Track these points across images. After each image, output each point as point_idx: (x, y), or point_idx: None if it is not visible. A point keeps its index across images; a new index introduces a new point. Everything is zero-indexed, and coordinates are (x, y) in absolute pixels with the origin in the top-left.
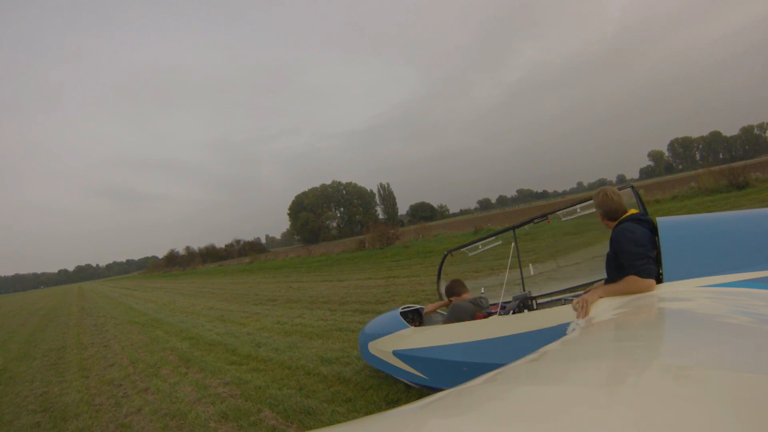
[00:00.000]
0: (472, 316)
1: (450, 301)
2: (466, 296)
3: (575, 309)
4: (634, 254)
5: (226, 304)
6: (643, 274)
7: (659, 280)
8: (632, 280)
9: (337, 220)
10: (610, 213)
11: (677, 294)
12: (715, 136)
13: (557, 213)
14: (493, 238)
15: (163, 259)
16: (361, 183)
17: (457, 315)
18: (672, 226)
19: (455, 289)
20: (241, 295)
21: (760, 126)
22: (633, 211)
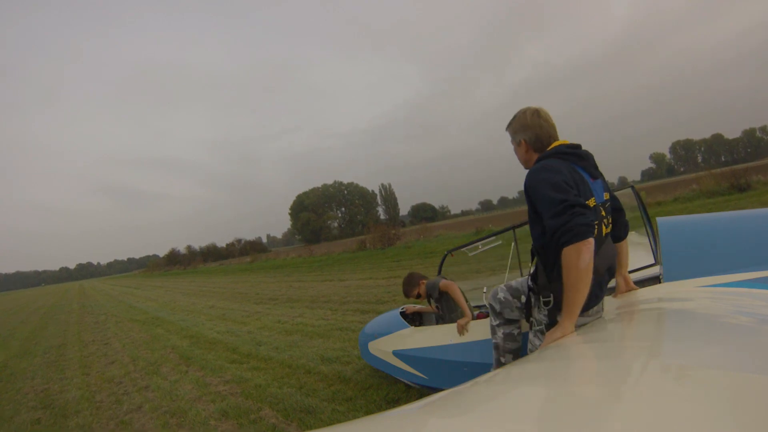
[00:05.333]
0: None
1: (419, 296)
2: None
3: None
4: (553, 205)
5: (227, 303)
6: (572, 239)
7: (658, 280)
8: (566, 258)
9: (338, 220)
10: (540, 141)
11: (677, 294)
12: (717, 138)
13: None
14: (493, 237)
15: (164, 257)
16: (362, 183)
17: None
18: (672, 226)
19: (412, 281)
20: (242, 294)
21: (762, 129)
22: (563, 141)
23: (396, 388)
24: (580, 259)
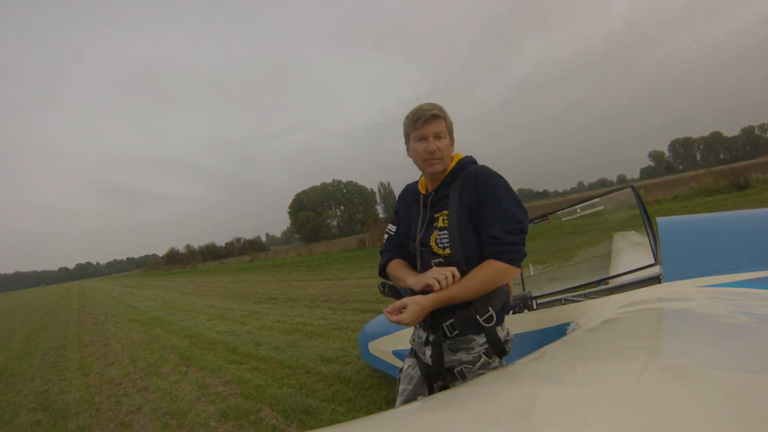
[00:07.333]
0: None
1: None
2: None
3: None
4: (514, 222)
5: (227, 302)
6: (515, 261)
7: (658, 280)
8: (492, 267)
9: (337, 219)
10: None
11: (677, 294)
12: (716, 136)
13: (557, 213)
14: None
15: (163, 257)
16: (361, 182)
17: None
18: (672, 226)
19: None
20: (242, 293)
21: (761, 126)
22: None
23: (396, 389)
24: (500, 278)
